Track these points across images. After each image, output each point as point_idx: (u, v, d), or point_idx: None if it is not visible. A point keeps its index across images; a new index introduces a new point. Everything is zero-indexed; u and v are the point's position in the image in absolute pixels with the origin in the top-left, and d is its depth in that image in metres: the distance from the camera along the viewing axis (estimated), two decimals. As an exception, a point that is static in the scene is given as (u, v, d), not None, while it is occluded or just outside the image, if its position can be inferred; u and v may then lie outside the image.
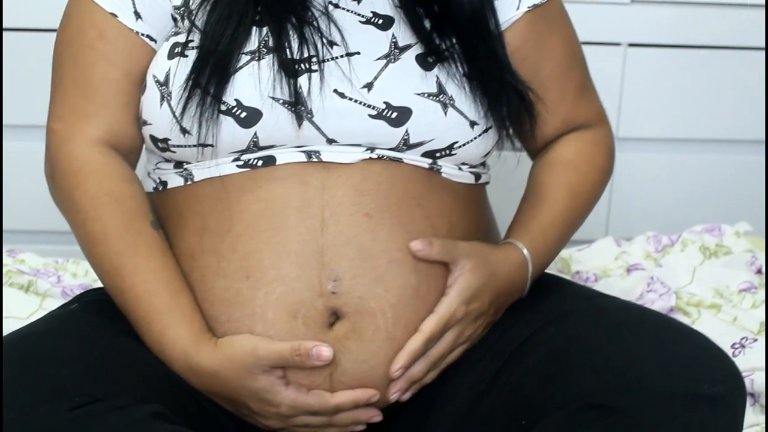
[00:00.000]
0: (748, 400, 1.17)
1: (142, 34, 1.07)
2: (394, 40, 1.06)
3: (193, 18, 1.05)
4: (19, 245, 1.61)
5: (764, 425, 1.16)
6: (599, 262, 1.54)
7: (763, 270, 1.45)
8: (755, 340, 1.24)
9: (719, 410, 0.93)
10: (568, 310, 1.05)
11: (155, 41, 1.08)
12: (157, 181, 1.10)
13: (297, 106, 1.02)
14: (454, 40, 1.08)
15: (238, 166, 1.04)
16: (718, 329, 1.29)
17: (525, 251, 1.09)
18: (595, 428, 0.93)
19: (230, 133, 1.03)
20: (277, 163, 1.04)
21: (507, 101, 1.09)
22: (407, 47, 1.07)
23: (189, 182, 1.06)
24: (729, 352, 1.20)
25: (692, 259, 1.47)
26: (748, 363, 1.21)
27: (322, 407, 1.00)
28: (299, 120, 1.03)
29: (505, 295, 1.07)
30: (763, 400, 1.20)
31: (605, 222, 1.84)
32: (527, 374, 1.00)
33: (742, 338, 1.25)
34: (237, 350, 0.99)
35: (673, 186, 1.83)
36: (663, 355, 0.94)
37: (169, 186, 1.08)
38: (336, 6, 1.07)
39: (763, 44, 1.76)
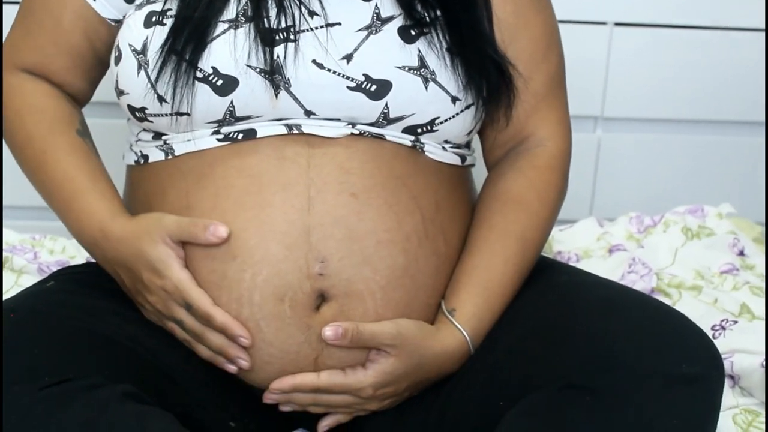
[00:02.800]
0: (728, 382, 1.18)
1: None
2: (376, 11, 1.05)
3: None
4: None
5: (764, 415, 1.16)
6: (581, 243, 1.54)
7: (746, 252, 1.45)
8: (735, 322, 1.24)
9: (697, 390, 0.93)
10: (548, 287, 1.05)
11: None
12: (139, 154, 1.09)
13: (273, 75, 1.01)
14: (438, 12, 1.06)
15: (218, 140, 1.03)
16: (698, 311, 1.28)
17: (466, 335, 1.03)
18: (574, 408, 0.93)
19: (205, 101, 1.01)
20: (258, 136, 1.03)
21: (487, 75, 1.07)
22: (390, 18, 1.05)
23: (170, 156, 1.06)
24: (709, 333, 1.19)
25: (674, 240, 1.46)
26: (728, 345, 1.21)
27: (200, 304, 0.99)
28: (276, 89, 1.02)
29: (427, 381, 1.04)
30: (743, 383, 1.20)
31: (589, 202, 1.84)
32: (506, 354, 1.00)
33: (723, 320, 1.25)
34: (146, 219, 1.02)
35: (658, 166, 1.83)
36: (642, 335, 0.94)
37: (150, 160, 1.08)
38: None
39: (750, 25, 1.76)
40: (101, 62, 1.14)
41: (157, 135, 1.07)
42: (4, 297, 1.21)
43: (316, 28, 1.03)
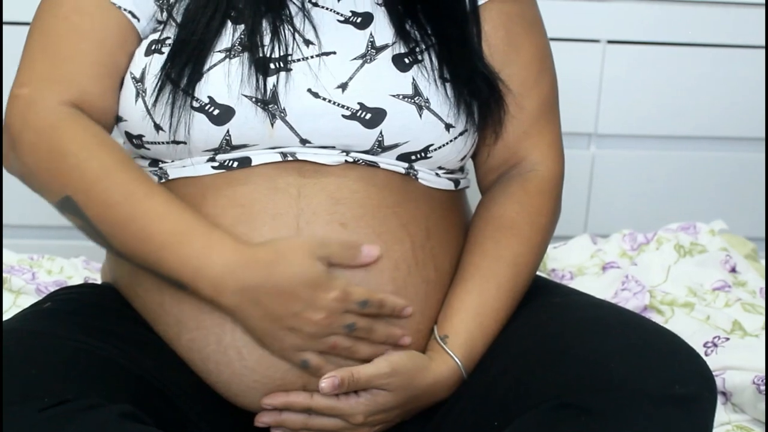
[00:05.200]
0: (720, 399, 1.18)
1: (125, 9, 1.05)
2: (371, 39, 1.06)
3: (171, 10, 1.05)
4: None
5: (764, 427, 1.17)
6: (575, 260, 1.55)
7: (737, 268, 1.46)
8: (727, 339, 1.25)
9: (690, 411, 0.93)
10: (541, 308, 1.06)
11: (138, 19, 1.06)
12: None
13: (270, 104, 1.02)
14: (430, 31, 1.07)
15: (213, 167, 1.04)
16: (691, 328, 1.29)
17: (459, 362, 1.03)
18: (567, 428, 0.93)
19: (202, 130, 1.02)
20: (252, 164, 1.03)
21: (477, 91, 1.07)
22: (384, 47, 1.06)
23: (163, 180, 1.06)
24: (701, 351, 1.21)
25: (667, 257, 1.47)
26: (720, 362, 1.21)
27: (372, 294, 0.98)
28: (272, 119, 1.02)
29: (419, 408, 1.04)
30: (735, 399, 1.21)
31: (583, 218, 1.85)
32: (500, 374, 1.00)
33: (715, 337, 1.26)
34: (297, 239, 0.99)
35: (652, 182, 1.84)
36: (635, 355, 0.95)
37: None
38: (315, 4, 1.07)
39: (734, 42, 1.78)
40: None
41: (154, 162, 1.07)
42: (3, 318, 1.22)
43: (311, 57, 1.04)
